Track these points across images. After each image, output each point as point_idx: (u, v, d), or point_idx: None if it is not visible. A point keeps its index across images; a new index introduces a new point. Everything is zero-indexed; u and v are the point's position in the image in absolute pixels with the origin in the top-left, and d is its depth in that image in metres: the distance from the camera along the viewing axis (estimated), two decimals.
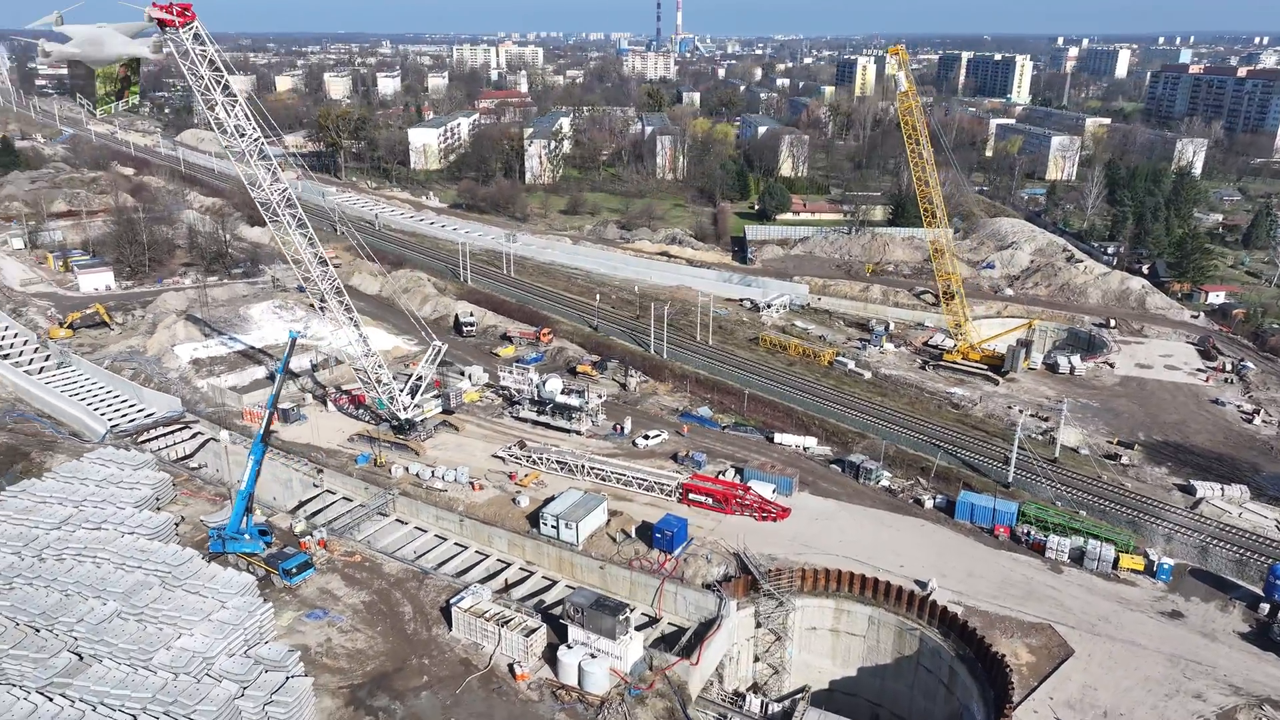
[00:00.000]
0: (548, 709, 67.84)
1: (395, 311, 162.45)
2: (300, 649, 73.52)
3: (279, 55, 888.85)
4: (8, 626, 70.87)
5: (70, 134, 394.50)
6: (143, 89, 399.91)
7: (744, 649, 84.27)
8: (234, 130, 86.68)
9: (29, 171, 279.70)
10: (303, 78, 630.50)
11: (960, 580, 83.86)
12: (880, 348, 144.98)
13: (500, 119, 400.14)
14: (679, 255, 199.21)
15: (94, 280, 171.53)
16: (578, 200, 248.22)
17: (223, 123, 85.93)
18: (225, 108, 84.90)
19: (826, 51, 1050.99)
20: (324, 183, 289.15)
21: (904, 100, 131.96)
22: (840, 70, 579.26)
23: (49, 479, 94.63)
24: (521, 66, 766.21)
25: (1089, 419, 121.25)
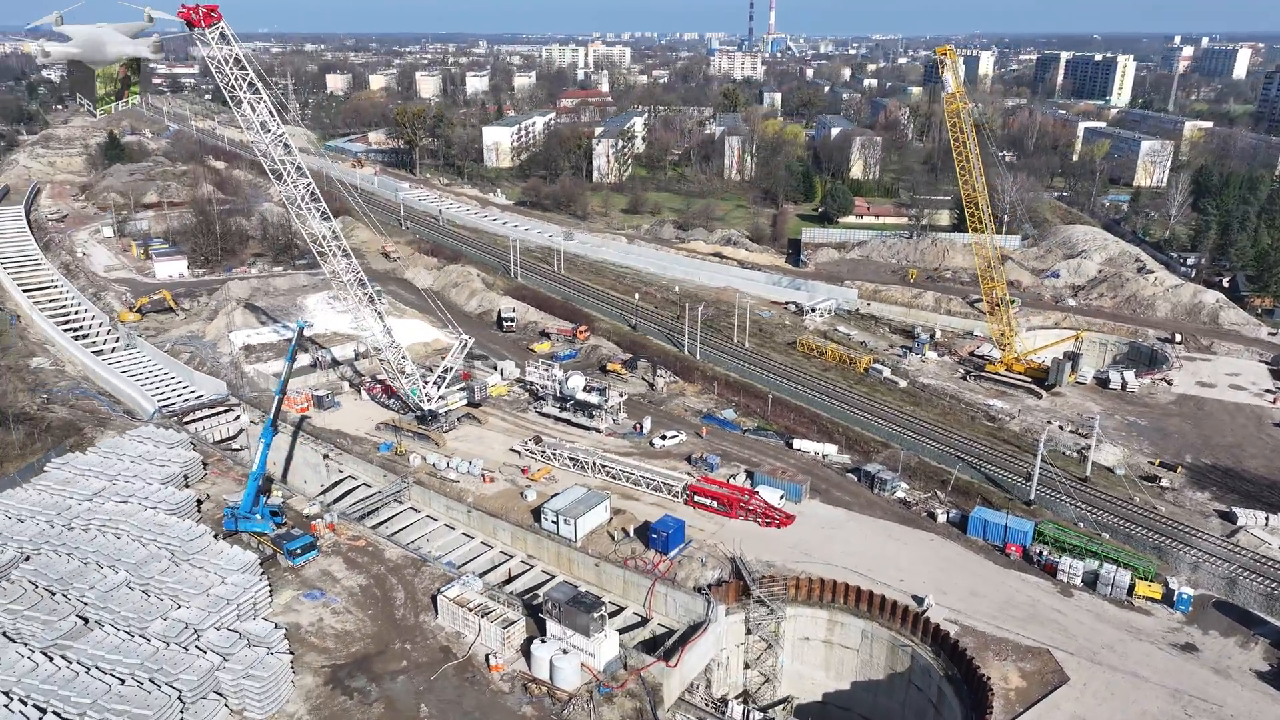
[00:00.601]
0: (515, 701, 68.65)
1: (443, 305, 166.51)
2: (292, 627, 76.47)
3: (377, 55, 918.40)
4: (27, 589, 75.68)
5: (175, 129, 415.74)
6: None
7: (734, 655, 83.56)
8: (259, 126, 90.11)
9: (130, 165, 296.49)
10: (395, 76, 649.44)
11: (961, 598, 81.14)
12: (922, 356, 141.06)
13: (580, 118, 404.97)
14: (732, 256, 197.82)
15: (169, 268, 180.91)
16: (639, 199, 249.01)
17: (249, 118, 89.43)
18: (251, 104, 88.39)
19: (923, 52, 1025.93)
20: (399, 178, 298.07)
21: (951, 102, 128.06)
22: (928, 70, 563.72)
23: (91, 453, 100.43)
24: (608, 66, 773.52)
25: (1134, 438, 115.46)
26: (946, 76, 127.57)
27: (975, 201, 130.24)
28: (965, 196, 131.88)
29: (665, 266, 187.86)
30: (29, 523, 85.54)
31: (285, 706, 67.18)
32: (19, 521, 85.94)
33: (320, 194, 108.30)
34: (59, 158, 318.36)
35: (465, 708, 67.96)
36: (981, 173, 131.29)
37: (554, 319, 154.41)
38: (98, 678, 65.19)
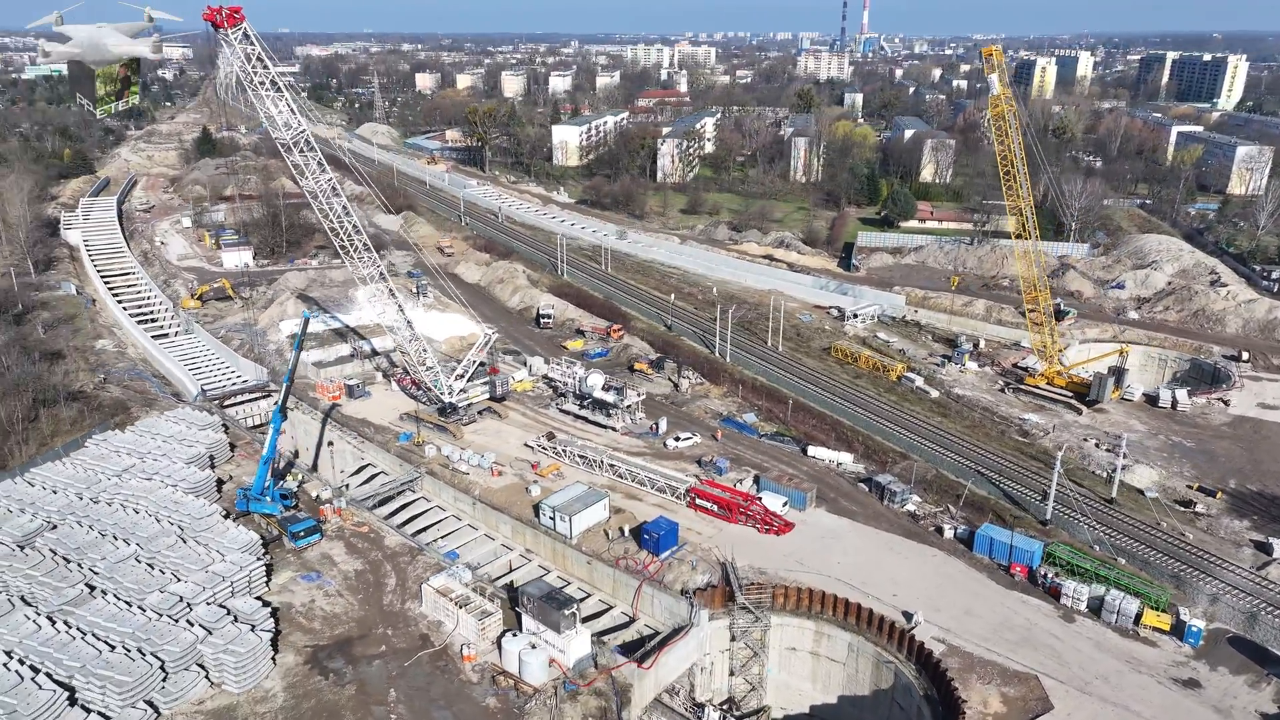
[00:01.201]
0: (482, 692, 69.65)
1: (487, 300, 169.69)
2: (285, 606, 79.30)
3: (469, 54, 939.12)
4: (46, 556, 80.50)
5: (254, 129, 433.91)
6: (339, 86, 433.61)
7: (718, 661, 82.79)
8: (283, 124, 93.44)
9: (218, 159, 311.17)
10: (482, 76, 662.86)
11: (954, 617, 78.64)
12: (961, 366, 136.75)
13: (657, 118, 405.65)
14: (783, 259, 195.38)
15: (235, 257, 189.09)
16: (698, 200, 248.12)
17: (271, 115, 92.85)
18: (273, 101, 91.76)
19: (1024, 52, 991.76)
20: (469, 175, 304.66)
21: (995, 105, 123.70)
22: (1018, 71, 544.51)
23: (130, 432, 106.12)
24: (691, 66, 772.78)
25: (1175, 459, 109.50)
26: (992, 78, 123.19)
27: (1020, 209, 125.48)
28: (1009, 204, 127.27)
29: (712, 267, 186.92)
30: (60, 494, 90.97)
31: (263, 683, 69.71)
32: (52, 493, 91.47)
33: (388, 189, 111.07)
34: (157, 151, 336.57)
35: (432, 695, 69.29)
36: (1027, 178, 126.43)
37: (591, 317, 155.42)
38: (91, 643, 68.85)
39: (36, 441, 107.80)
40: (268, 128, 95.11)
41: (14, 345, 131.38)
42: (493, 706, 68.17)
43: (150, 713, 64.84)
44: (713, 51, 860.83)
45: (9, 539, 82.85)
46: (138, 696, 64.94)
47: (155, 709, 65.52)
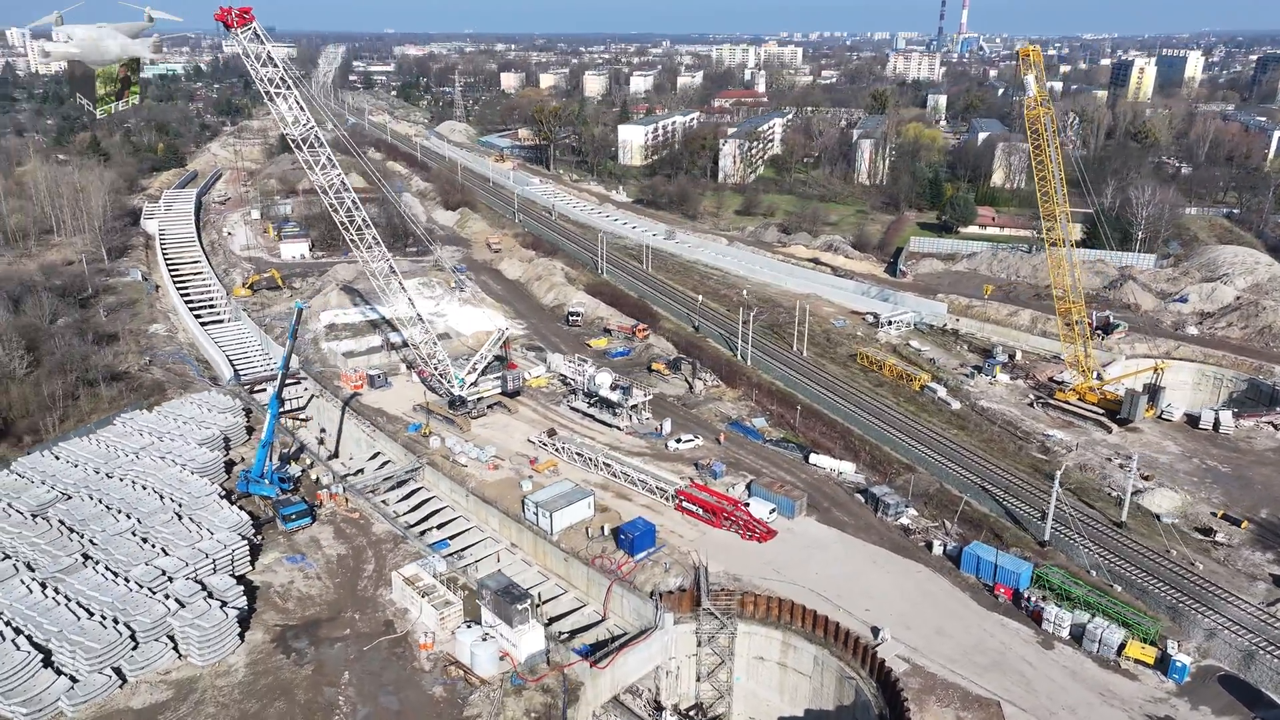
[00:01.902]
0: (431, 680, 70.86)
1: (523, 296, 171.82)
2: (265, 586, 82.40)
3: (558, 54, 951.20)
4: (54, 526, 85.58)
5: (353, 123, 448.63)
6: (427, 85, 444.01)
7: (685, 666, 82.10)
8: (291, 120, 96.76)
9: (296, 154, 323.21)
10: (566, 75, 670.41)
11: (925, 636, 76.10)
12: (991, 377, 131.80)
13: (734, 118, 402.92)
14: (829, 263, 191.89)
15: (293, 249, 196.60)
16: (753, 201, 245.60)
17: (281, 112, 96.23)
18: (283, 98, 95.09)
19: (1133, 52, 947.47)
20: (534, 173, 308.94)
21: (1031, 108, 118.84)
22: (1115, 72, 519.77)
23: (156, 412, 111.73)
24: (778, 66, 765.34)
25: (1204, 484, 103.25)
26: (1027, 79, 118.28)
27: (1053, 215, 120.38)
28: (1043, 210, 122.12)
29: (754, 270, 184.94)
30: (80, 469, 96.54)
31: (228, 658, 72.55)
32: (72, 467, 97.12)
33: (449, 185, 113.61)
34: (244, 146, 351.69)
35: (384, 680, 70.87)
36: (1064, 184, 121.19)
37: (621, 316, 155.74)
38: (73, 610, 72.92)
39: (75, 418, 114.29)
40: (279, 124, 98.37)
41: (72, 327, 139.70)
42: (438, 696, 69.30)
43: (115, 679, 68.19)
44: (799, 51, 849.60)
45: (25, 508, 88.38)
46: (105, 663, 68.43)
47: (122, 676, 68.89)
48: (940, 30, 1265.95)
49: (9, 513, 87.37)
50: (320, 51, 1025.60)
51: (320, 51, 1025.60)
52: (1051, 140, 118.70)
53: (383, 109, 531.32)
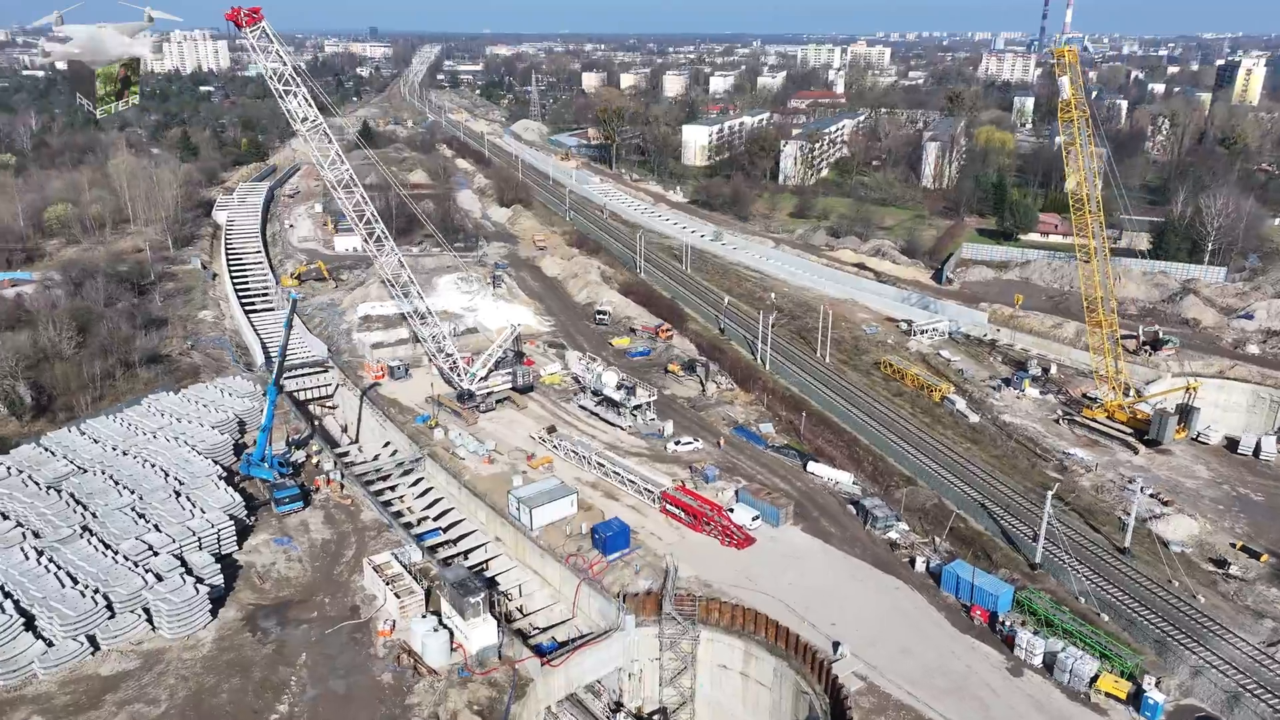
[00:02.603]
0: (381, 666, 72.22)
1: (557, 294, 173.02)
2: (248, 565, 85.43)
3: (644, 55, 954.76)
4: (62, 497, 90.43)
5: (431, 121, 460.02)
6: (510, 83, 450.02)
7: (649, 669, 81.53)
8: (300, 116, 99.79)
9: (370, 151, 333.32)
10: (646, 75, 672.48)
11: (888, 655, 73.71)
12: (1020, 391, 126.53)
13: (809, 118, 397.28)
14: (875, 268, 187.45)
15: (346, 242, 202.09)
16: (807, 204, 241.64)
17: (290, 109, 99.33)
18: (293, 95, 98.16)
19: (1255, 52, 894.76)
20: (596, 172, 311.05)
21: (1065, 111, 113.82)
22: (1221, 74, 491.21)
23: (180, 395, 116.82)
24: (863, 67, 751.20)
25: (1232, 513, 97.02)
26: (1062, 81, 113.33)
27: (1087, 224, 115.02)
28: (1075, 220, 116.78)
29: (795, 273, 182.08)
30: (99, 446, 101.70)
31: (199, 632, 75.45)
32: (93, 442, 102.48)
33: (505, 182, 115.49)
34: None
35: (338, 664, 72.58)
36: (1098, 190, 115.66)
37: (649, 316, 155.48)
38: (61, 579, 76.95)
39: (111, 398, 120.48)
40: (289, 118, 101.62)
41: (125, 311, 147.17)
42: (386, 682, 70.57)
43: (87, 646, 71.70)
44: (888, 52, 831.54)
45: (42, 480, 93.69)
46: (79, 630, 72.02)
47: (95, 644, 72.39)
48: (1042, 30, 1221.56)
49: (27, 484, 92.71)
50: (416, 52, 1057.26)
51: (416, 52, 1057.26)
52: (1085, 146, 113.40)
53: (463, 107, 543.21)
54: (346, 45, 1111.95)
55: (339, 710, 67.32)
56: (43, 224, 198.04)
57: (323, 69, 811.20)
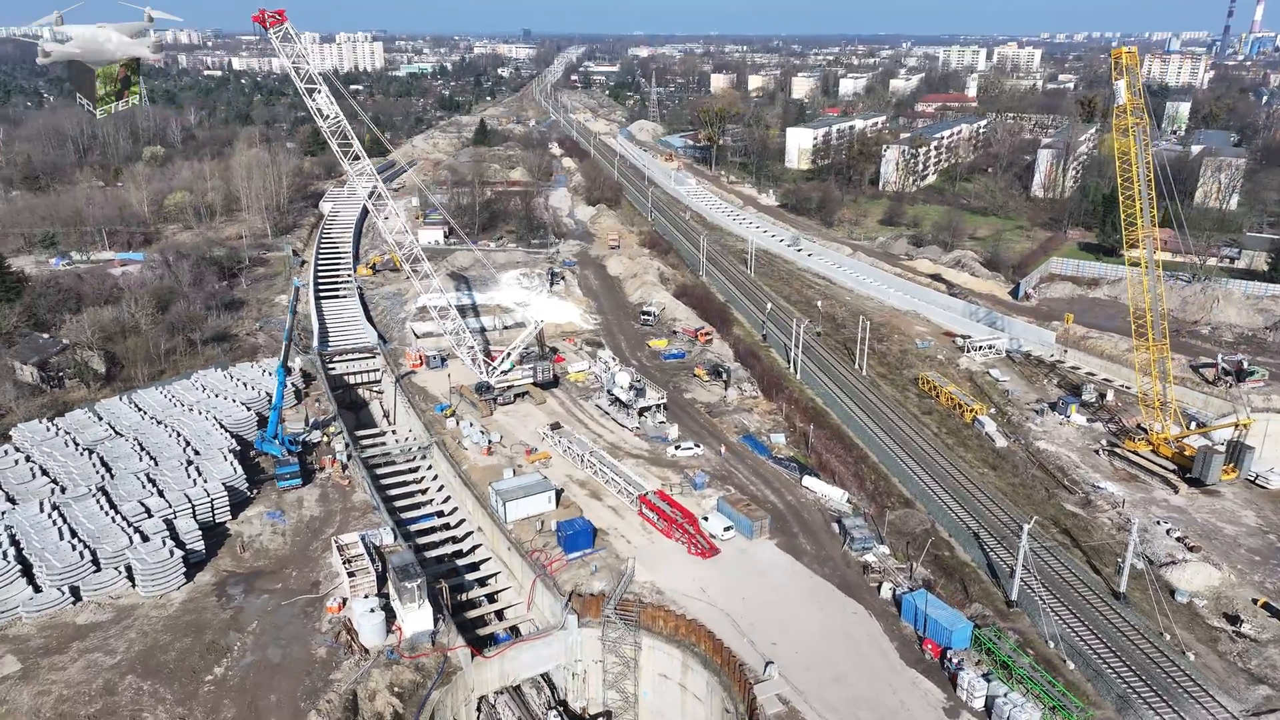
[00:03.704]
0: (320, 641, 75.15)
1: (613, 293, 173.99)
2: (236, 535, 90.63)
3: (782, 56, 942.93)
4: (88, 459, 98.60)
5: (551, 120, 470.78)
6: (636, 85, 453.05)
7: (593, 670, 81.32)
8: (318, 112, 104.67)
9: (484, 148, 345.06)
10: (776, 77, 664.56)
11: (820, 681, 70.81)
12: (1065, 417, 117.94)
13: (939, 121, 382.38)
14: (951, 279, 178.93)
15: (429, 234, 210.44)
16: (897, 211, 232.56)
17: (319, 108, 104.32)
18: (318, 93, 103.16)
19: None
20: (696, 173, 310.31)
21: (1120, 118, 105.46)
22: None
23: (225, 373, 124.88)
24: (1012, 69, 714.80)
25: (1268, 566, 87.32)
26: (1118, 85, 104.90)
27: (1134, 241, 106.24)
28: (1126, 237, 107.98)
29: (863, 281, 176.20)
30: (141, 414, 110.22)
31: (171, 593, 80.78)
32: (135, 410, 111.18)
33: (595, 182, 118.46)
34: (442, 140, 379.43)
35: (282, 634, 76.07)
36: (1153, 204, 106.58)
37: (696, 319, 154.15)
38: (62, 532, 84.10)
39: (171, 371, 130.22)
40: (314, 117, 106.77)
41: (207, 292, 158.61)
42: (319, 656, 73.44)
43: (69, 596, 78.13)
44: (1038, 54, 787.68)
45: (82, 442, 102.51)
46: (63, 581, 78.54)
47: (77, 594, 78.78)
48: (1226, 29, 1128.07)
49: (67, 444, 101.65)
50: (560, 53, 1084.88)
51: (560, 53, 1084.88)
52: (1141, 156, 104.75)
53: (588, 107, 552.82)
54: (494, 46, 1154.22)
55: (267, 678, 70.63)
56: (163, 210, 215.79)
57: (467, 69, 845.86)
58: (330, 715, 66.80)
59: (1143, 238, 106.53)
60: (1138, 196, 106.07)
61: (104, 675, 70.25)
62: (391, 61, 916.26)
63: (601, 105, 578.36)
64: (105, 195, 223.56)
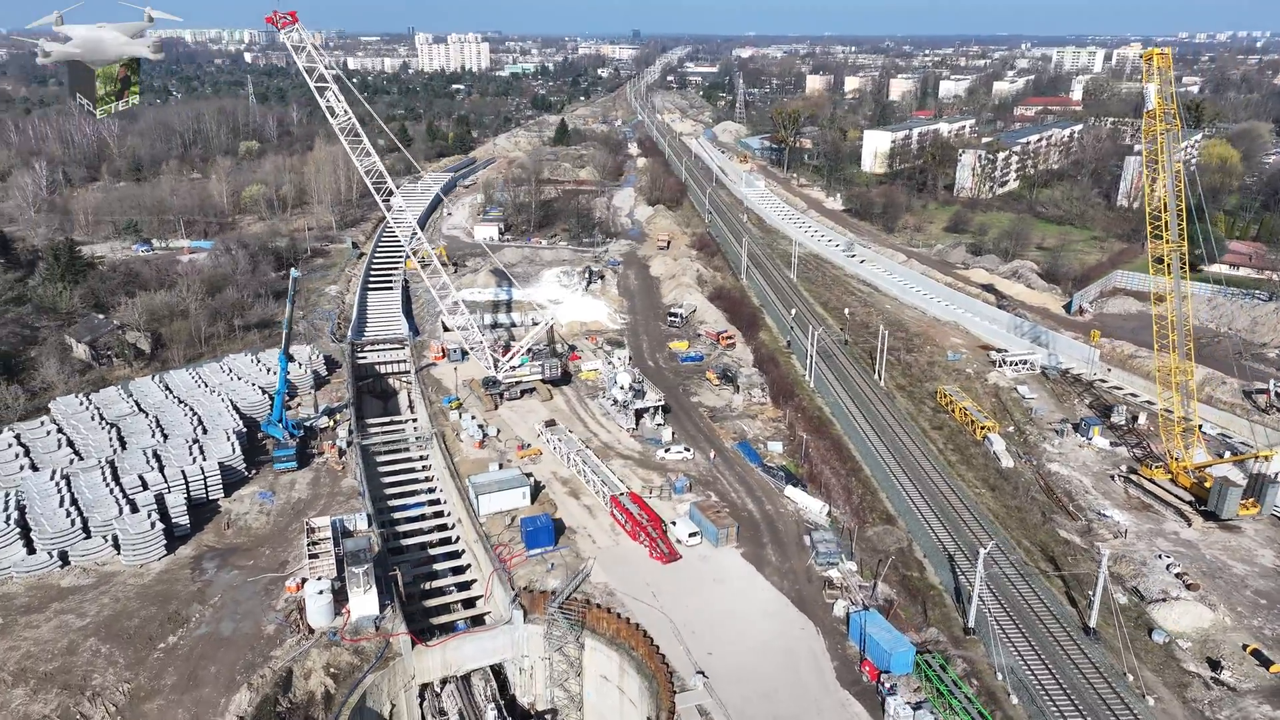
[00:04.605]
0: (272, 618, 77.97)
1: (650, 293, 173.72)
2: (225, 512, 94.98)
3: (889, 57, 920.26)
4: (107, 433, 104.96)
5: (638, 120, 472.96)
6: (730, 86, 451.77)
7: (539, 667, 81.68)
8: (329, 110, 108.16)
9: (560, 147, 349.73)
10: (874, 79, 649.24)
11: (746, 696, 69.35)
12: (1087, 439, 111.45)
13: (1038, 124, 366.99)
14: (1004, 291, 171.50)
15: (484, 230, 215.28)
16: (963, 218, 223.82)
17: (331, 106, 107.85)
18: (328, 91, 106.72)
19: None
20: (768, 175, 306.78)
21: (1149, 123, 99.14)
22: None
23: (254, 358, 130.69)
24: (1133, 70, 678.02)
25: (1275, 611, 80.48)
26: (1148, 88, 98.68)
27: (1159, 255, 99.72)
28: (1151, 249, 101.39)
29: (906, 289, 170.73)
30: (166, 395, 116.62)
31: (151, 563, 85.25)
32: (163, 389, 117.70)
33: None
34: (523, 138, 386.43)
35: (240, 609, 79.25)
36: (1182, 217, 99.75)
37: (724, 322, 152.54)
38: (64, 500, 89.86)
39: (208, 354, 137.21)
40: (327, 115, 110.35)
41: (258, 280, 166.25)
42: (267, 632, 76.21)
43: (57, 560, 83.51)
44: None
45: (108, 416, 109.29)
46: (53, 546, 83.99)
47: (65, 559, 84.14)
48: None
49: (93, 419, 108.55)
50: (663, 54, 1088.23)
51: (663, 54, 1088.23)
52: (1166, 166, 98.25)
53: (679, 108, 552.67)
54: (598, 47, 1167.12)
55: (213, 649, 73.80)
56: (240, 202, 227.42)
57: (568, 69, 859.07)
58: (260, 689, 69.29)
59: (1168, 251, 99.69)
60: (1163, 208, 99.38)
61: (70, 636, 74.79)
62: (497, 61, 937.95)
63: (692, 106, 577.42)
64: (192, 186, 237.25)
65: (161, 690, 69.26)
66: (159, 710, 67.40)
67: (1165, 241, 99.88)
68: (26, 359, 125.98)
